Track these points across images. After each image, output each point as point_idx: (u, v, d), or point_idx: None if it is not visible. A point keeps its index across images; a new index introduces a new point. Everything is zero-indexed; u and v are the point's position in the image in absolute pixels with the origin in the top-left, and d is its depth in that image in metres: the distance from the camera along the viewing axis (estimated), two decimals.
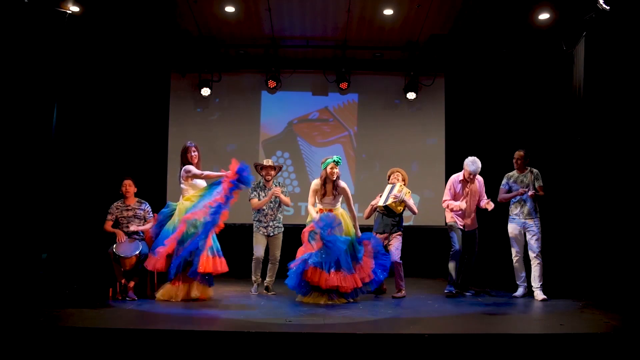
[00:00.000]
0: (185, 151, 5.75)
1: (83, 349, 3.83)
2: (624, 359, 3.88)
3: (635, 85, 5.57)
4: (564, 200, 6.49)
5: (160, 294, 5.45)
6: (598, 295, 5.59)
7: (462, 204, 5.81)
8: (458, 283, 5.91)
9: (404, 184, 6.12)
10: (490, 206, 5.81)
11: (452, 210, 5.93)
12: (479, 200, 5.95)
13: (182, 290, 5.43)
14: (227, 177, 5.49)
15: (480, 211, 6.06)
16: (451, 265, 5.86)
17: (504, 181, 6.07)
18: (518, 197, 5.91)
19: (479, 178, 5.97)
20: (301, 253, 5.61)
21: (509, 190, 6.00)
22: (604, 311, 4.99)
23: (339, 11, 7.04)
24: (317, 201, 5.73)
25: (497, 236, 6.64)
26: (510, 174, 6.08)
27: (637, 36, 5.51)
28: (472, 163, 5.87)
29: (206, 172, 5.71)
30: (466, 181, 5.93)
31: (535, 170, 5.96)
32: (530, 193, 5.79)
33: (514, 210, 5.96)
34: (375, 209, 6.12)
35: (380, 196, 6.13)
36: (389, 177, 6.22)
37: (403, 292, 5.90)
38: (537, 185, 5.87)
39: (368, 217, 6.24)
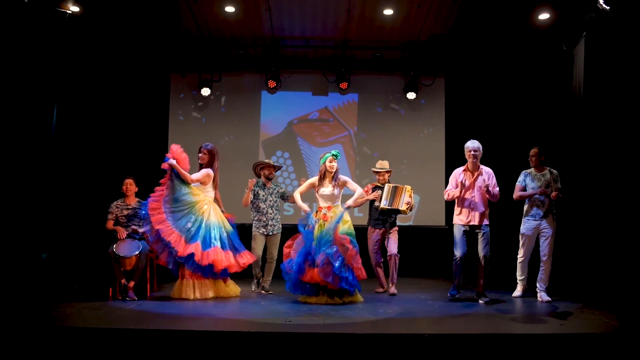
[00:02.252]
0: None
1: (83, 349, 3.83)
2: (624, 359, 3.88)
3: (635, 85, 5.56)
4: (564, 200, 6.48)
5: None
6: (598, 296, 5.58)
7: (457, 191, 5.60)
8: (460, 286, 5.74)
9: (389, 174, 6.23)
10: (554, 195, 5.65)
11: (451, 198, 5.66)
12: (489, 191, 5.53)
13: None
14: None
15: (493, 208, 5.83)
16: (454, 270, 5.66)
17: (521, 177, 5.89)
18: (535, 197, 5.76)
19: (488, 170, 5.68)
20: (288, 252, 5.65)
21: (525, 188, 5.85)
22: (604, 311, 4.99)
23: (339, 11, 7.04)
24: (316, 195, 5.69)
25: (497, 235, 6.62)
26: (528, 171, 5.92)
27: (637, 36, 5.51)
28: (471, 141, 5.67)
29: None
30: (469, 171, 5.66)
31: (555, 171, 5.83)
32: (553, 194, 5.65)
33: (530, 210, 5.80)
34: (372, 203, 6.13)
35: (374, 187, 6.16)
36: (375, 174, 6.30)
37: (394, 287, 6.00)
38: (555, 187, 5.72)
39: (357, 207, 6.33)
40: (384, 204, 5.97)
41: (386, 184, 6.10)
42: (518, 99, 7.79)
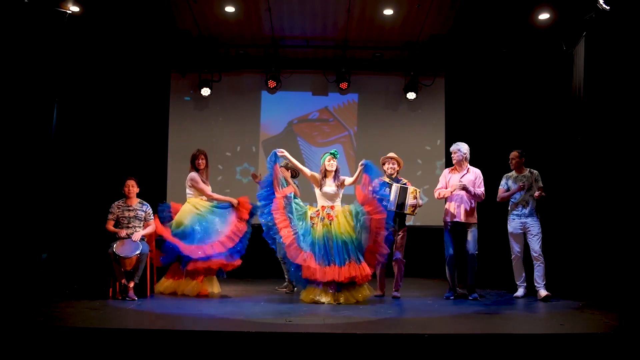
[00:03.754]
0: (194, 157, 6.10)
1: (83, 349, 3.83)
2: (624, 359, 3.88)
3: (635, 85, 5.56)
4: (564, 200, 6.49)
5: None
6: (598, 295, 5.59)
7: (447, 191, 5.81)
8: (457, 289, 5.80)
9: (400, 167, 6.04)
10: (538, 195, 5.75)
11: (441, 197, 5.90)
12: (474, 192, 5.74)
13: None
14: (237, 211, 6.07)
15: (481, 208, 5.94)
16: (447, 272, 5.82)
17: (503, 181, 6.05)
18: (519, 197, 5.87)
19: (476, 170, 5.84)
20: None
21: (508, 190, 5.98)
22: (604, 311, 4.99)
23: (339, 11, 7.05)
24: (318, 193, 5.72)
25: (497, 235, 6.63)
26: (509, 174, 6.06)
27: (637, 36, 5.51)
28: (454, 144, 5.92)
29: (210, 193, 6.05)
30: (457, 170, 5.87)
31: (535, 172, 5.95)
32: (536, 194, 5.75)
33: (514, 209, 5.93)
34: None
35: (382, 182, 5.83)
36: (383, 164, 6.06)
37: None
38: (537, 186, 5.84)
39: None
40: (390, 205, 5.74)
41: (394, 185, 5.84)
42: (518, 99, 7.78)
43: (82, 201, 7.10)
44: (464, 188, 5.69)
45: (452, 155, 5.90)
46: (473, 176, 5.82)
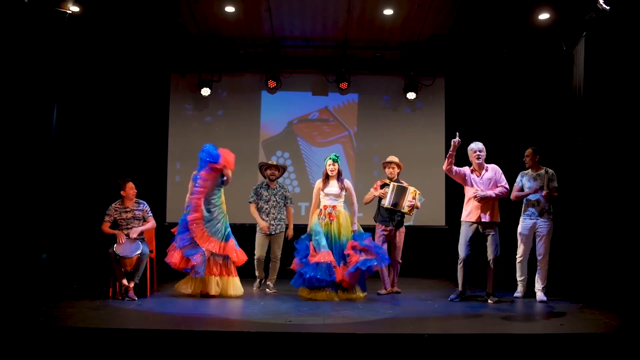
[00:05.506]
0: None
1: (83, 349, 3.84)
2: (623, 359, 3.88)
3: (635, 85, 5.57)
4: (564, 200, 6.49)
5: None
6: (598, 296, 5.58)
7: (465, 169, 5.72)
8: (465, 293, 5.72)
9: (400, 170, 6.14)
10: (545, 194, 5.70)
11: (450, 156, 5.54)
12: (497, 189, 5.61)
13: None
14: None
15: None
16: (458, 274, 5.68)
17: (518, 178, 5.99)
18: (533, 196, 5.81)
19: (493, 166, 5.74)
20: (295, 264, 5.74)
21: (522, 189, 5.92)
22: (604, 311, 4.99)
23: (339, 11, 7.05)
24: (320, 196, 5.86)
25: (499, 235, 6.62)
26: (525, 171, 6.01)
27: (637, 36, 5.51)
28: (475, 143, 5.76)
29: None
30: (476, 171, 5.72)
31: (550, 171, 5.88)
32: (543, 193, 5.71)
33: (526, 209, 5.87)
34: (380, 201, 6.08)
35: (382, 184, 6.04)
36: (384, 168, 6.17)
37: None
38: (551, 186, 5.79)
39: (367, 203, 6.22)
40: (387, 203, 5.88)
41: (392, 183, 5.97)
42: (518, 99, 7.78)
43: (82, 201, 7.10)
44: (483, 199, 5.53)
45: (479, 154, 5.65)
46: (492, 173, 5.69)
